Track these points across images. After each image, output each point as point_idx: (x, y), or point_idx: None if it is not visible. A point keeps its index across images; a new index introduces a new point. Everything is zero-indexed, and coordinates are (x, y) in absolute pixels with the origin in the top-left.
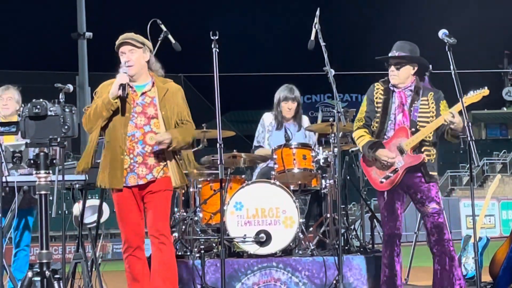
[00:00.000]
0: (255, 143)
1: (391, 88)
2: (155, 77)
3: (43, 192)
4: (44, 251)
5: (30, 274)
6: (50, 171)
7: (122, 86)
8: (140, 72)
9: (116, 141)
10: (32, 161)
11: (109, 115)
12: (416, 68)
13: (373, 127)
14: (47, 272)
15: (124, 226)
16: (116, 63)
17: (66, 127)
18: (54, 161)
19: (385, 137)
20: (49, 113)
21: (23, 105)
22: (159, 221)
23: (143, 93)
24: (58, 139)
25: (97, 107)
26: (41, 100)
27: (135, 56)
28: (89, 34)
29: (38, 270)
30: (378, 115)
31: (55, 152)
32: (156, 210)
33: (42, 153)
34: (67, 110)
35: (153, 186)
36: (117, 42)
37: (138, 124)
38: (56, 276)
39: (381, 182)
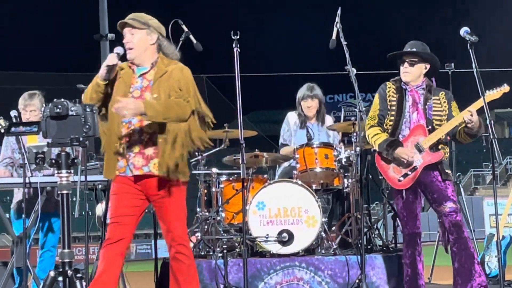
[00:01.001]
0: (281, 141)
1: (403, 86)
2: (160, 59)
3: (64, 192)
4: (66, 250)
5: (52, 273)
6: (72, 171)
7: (108, 68)
8: (142, 55)
9: (112, 129)
10: (53, 161)
11: (98, 97)
12: (428, 68)
13: (386, 126)
14: (69, 271)
15: (110, 219)
16: None
17: (87, 126)
18: (76, 160)
19: (400, 135)
20: (70, 113)
21: (44, 105)
22: (174, 229)
23: (141, 75)
24: (80, 139)
25: (89, 88)
26: (62, 100)
27: (136, 38)
28: (111, 36)
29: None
30: (391, 113)
31: (78, 153)
32: (169, 216)
33: (63, 153)
34: (88, 109)
35: (160, 187)
36: (118, 24)
37: None
38: (78, 275)
39: (399, 180)
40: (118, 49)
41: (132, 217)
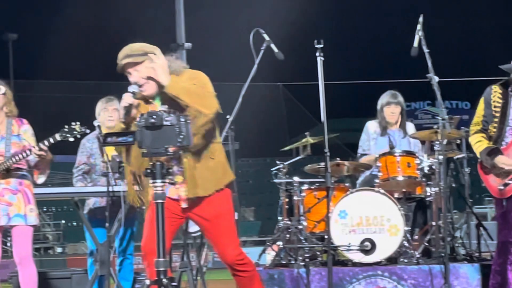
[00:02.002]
0: (360, 151)
1: (510, 92)
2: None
3: (159, 201)
4: (161, 259)
5: (148, 282)
6: (167, 181)
7: (126, 109)
8: (155, 86)
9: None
10: (148, 171)
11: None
12: None
13: (490, 132)
14: (164, 280)
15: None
16: (215, 73)
17: (181, 136)
18: (170, 170)
19: (503, 143)
20: (165, 123)
21: (139, 116)
22: (228, 255)
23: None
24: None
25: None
26: (157, 110)
27: (142, 73)
28: (188, 45)
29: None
30: (495, 119)
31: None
32: (221, 239)
33: (158, 163)
34: (182, 120)
35: (203, 210)
36: (118, 69)
37: None
38: (173, 283)
39: (500, 189)
40: (133, 88)
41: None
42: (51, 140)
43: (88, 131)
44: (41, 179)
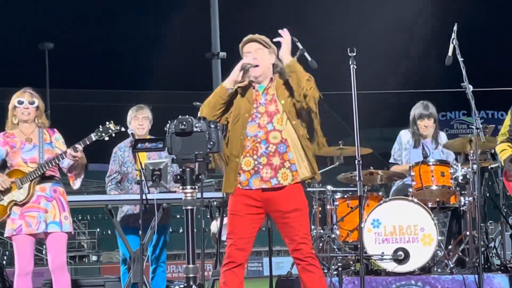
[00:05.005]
0: (391, 160)
1: None
2: (275, 76)
3: (189, 208)
4: (191, 265)
5: None
6: (196, 187)
7: (243, 67)
8: (266, 74)
9: (233, 143)
10: (178, 177)
11: (220, 107)
12: None
13: None
14: (194, 286)
15: (230, 239)
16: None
17: (211, 143)
18: (200, 177)
19: None
20: (194, 129)
21: (169, 122)
22: (301, 243)
23: (264, 91)
24: (204, 155)
25: (211, 98)
26: (186, 116)
27: (262, 55)
28: (223, 54)
29: (183, 286)
30: None
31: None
32: (295, 231)
33: (188, 169)
34: (212, 126)
35: (282, 204)
36: (243, 42)
37: (261, 124)
38: None
39: None
40: (248, 62)
41: (251, 239)
42: (87, 141)
43: (123, 129)
44: (77, 184)
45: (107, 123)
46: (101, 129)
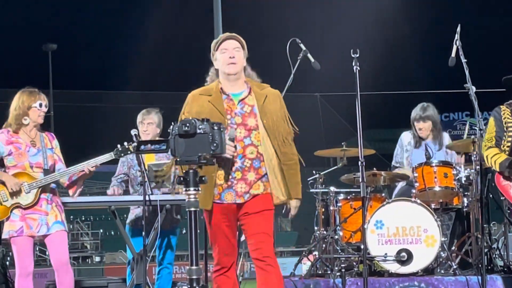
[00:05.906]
0: (393, 163)
1: None
2: (250, 83)
3: (192, 209)
4: (194, 267)
5: None
6: (200, 189)
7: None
8: (239, 75)
9: None
10: (182, 178)
11: None
12: None
13: (503, 147)
14: (197, 287)
15: (215, 248)
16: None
17: (214, 144)
18: (203, 178)
19: None
20: (198, 131)
21: (173, 124)
22: (261, 243)
23: (240, 101)
24: (207, 157)
25: None
26: (190, 118)
27: (239, 55)
28: None
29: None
30: (508, 134)
31: None
32: (256, 232)
33: (191, 171)
34: (215, 128)
35: (248, 207)
36: (221, 38)
37: (237, 136)
38: None
39: None
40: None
41: (235, 244)
42: (103, 160)
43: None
44: (77, 195)
45: (126, 143)
46: (120, 149)
